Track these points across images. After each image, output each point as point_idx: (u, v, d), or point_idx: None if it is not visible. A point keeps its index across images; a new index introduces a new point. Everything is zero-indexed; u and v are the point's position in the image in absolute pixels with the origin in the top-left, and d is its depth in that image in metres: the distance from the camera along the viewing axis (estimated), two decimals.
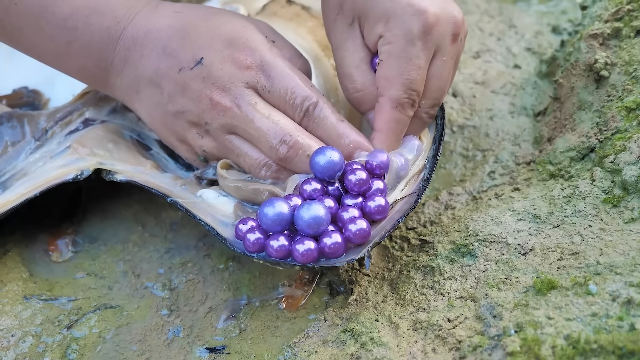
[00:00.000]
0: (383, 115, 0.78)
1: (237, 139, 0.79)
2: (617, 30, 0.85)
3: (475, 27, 1.08)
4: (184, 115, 0.79)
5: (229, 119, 0.78)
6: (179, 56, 0.79)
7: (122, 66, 0.81)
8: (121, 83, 0.82)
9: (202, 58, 0.78)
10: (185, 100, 0.79)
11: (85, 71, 0.83)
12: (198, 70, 0.78)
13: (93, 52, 0.81)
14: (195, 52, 0.78)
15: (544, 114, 0.93)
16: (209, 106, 0.78)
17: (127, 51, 0.80)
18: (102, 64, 0.81)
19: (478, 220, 0.78)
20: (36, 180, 0.83)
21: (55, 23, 0.80)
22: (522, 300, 0.66)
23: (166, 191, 0.81)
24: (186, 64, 0.78)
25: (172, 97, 0.79)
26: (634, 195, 0.74)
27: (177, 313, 0.79)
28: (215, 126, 0.79)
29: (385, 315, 0.72)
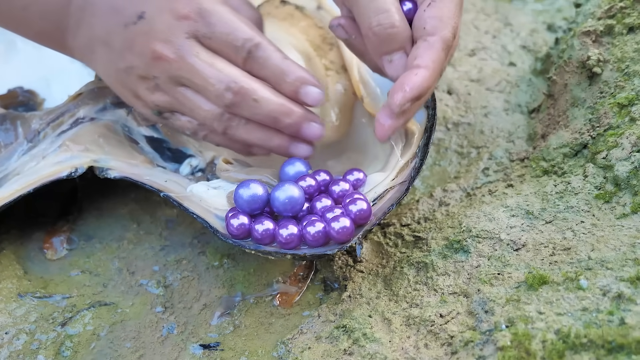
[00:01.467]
0: (433, 54, 0.73)
1: (186, 90, 0.79)
2: (610, 28, 0.86)
3: (471, 25, 1.08)
4: (133, 70, 0.79)
5: (174, 70, 0.78)
6: (124, 12, 0.78)
7: (77, 27, 0.81)
8: (79, 44, 0.82)
9: (143, 12, 0.78)
10: (133, 56, 0.79)
11: (44, 34, 0.84)
12: (141, 24, 0.78)
13: (49, 15, 0.81)
14: (137, 7, 0.78)
15: (538, 111, 0.93)
16: (153, 60, 0.78)
17: (79, 12, 0.80)
18: (59, 26, 0.82)
19: (471, 216, 0.78)
20: (30, 178, 0.84)
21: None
22: (514, 296, 0.67)
23: (159, 186, 0.82)
24: (130, 19, 0.78)
25: (121, 54, 0.79)
26: (625, 191, 0.74)
27: (172, 310, 0.80)
28: (163, 79, 0.79)
29: (379, 311, 0.72)
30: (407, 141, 0.82)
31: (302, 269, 0.81)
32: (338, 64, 0.93)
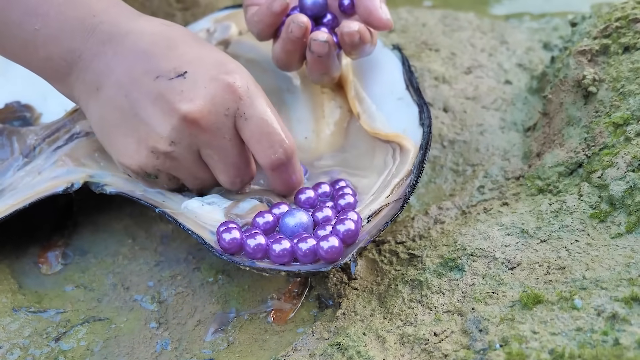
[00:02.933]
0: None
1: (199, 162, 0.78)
2: (606, 47, 0.86)
3: (467, 43, 1.09)
4: (149, 126, 0.75)
5: (201, 142, 0.76)
6: (160, 63, 0.75)
7: (90, 60, 0.77)
8: (84, 78, 0.78)
9: (185, 72, 0.75)
10: (154, 111, 0.75)
11: (49, 62, 0.78)
12: (178, 82, 0.74)
13: (62, 41, 0.77)
14: (179, 65, 0.75)
15: (533, 130, 0.93)
16: (181, 123, 0.74)
17: (100, 45, 0.76)
18: (69, 55, 0.77)
19: (466, 234, 0.78)
20: (26, 192, 0.84)
21: (26, 9, 0.76)
22: (508, 315, 0.67)
23: (154, 202, 0.82)
24: (166, 73, 0.75)
25: (138, 104, 0.75)
26: (620, 211, 0.74)
27: (166, 326, 0.79)
28: (182, 146, 0.76)
29: (373, 329, 0.72)
30: (403, 158, 0.83)
31: (297, 285, 0.81)
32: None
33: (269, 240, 0.76)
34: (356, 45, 0.83)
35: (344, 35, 0.82)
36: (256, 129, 0.76)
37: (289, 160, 0.78)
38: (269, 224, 0.78)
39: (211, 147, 0.76)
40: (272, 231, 0.79)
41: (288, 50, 0.83)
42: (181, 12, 1.18)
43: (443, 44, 1.08)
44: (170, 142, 0.75)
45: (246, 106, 0.76)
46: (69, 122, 0.89)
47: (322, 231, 0.76)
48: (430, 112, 0.83)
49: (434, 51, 1.07)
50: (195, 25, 1.04)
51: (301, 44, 0.83)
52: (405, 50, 1.05)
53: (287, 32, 0.82)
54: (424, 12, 1.16)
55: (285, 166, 0.78)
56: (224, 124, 0.76)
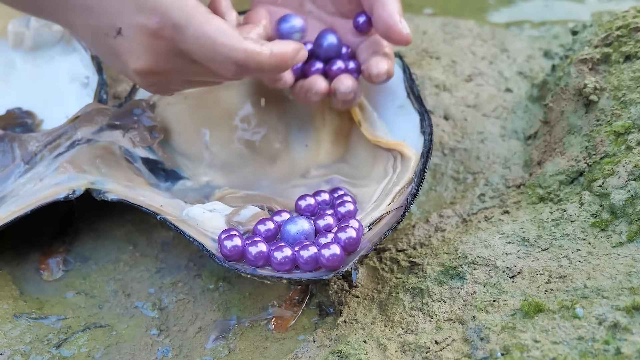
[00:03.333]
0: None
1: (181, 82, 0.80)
2: (607, 56, 0.86)
3: (468, 51, 1.09)
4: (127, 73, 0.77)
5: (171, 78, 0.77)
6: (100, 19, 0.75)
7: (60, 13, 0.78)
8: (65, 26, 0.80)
9: (120, 28, 0.74)
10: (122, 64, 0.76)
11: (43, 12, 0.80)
12: (120, 41, 0.74)
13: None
14: (112, 20, 0.74)
15: (534, 138, 0.94)
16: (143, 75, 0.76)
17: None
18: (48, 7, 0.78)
19: (467, 242, 0.78)
20: (27, 199, 0.84)
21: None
22: (510, 323, 0.67)
23: (155, 209, 0.82)
24: (109, 30, 0.75)
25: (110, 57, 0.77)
26: (621, 219, 0.74)
27: (167, 333, 0.79)
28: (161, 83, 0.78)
29: (374, 337, 0.72)
30: (404, 166, 0.83)
31: (298, 293, 0.81)
32: None
33: (271, 248, 0.76)
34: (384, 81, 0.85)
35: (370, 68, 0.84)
36: (201, 58, 0.74)
37: (246, 66, 0.74)
38: (271, 232, 0.79)
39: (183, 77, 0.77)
40: (273, 238, 0.79)
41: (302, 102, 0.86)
42: None
43: (444, 52, 1.08)
44: (150, 85, 0.78)
45: (181, 43, 0.73)
46: (70, 128, 0.89)
47: (323, 239, 0.76)
48: (431, 120, 0.84)
49: (434, 59, 1.07)
50: None
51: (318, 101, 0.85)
52: (406, 58, 1.06)
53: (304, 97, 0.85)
54: (424, 20, 1.16)
55: (248, 69, 0.75)
56: (178, 62, 0.75)
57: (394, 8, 0.83)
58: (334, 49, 0.87)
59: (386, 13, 0.83)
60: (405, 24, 0.83)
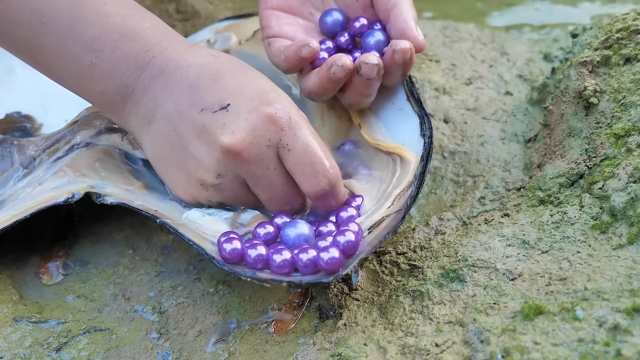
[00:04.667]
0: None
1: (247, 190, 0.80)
2: (607, 58, 0.86)
3: (468, 54, 1.09)
4: (195, 159, 0.78)
5: (245, 173, 0.77)
6: (204, 96, 0.77)
7: (142, 94, 0.79)
8: (137, 111, 0.80)
9: (228, 104, 0.76)
10: (200, 144, 0.77)
11: (104, 95, 0.81)
12: (221, 115, 0.76)
13: (116, 76, 0.79)
14: (223, 97, 0.76)
15: (534, 141, 0.94)
16: (225, 154, 0.76)
17: (151, 80, 0.79)
18: (122, 90, 0.79)
19: (467, 245, 0.78)
20: (27, 203, 0.84)
21: (82, 44, 0.78)
22: (510, 326, 0.66)
23: (155, 213, 0.82)
24: (210, 106, 0.76)
25: (186, 138, 0.77)
26: (621, 222, 0.74)
27: (167, 336, 0.79)
28: (228, 178, 0.78)
29: (374, 340, 0.72)
30: (404, 169, 0.83)
31: (298, 296, 0.81)
32: None
33: (270, 251, 0.76)
34: (408, 63, 0.83)
35: (395, 54, 0.82)
36: (299, 160, 0.76)
37: (333, 189, 0.78)
38: (270, 235, 0.78)
39: (256, 177, 0.77)
40: (273, 242, 0.79)
41: (327, 87, 0.84)
42: (181, 23, 1.19)
43: (443, 55, 1.08)
44: (217, 175, 0.77)
45: (288, 137, 0.76)
46: (69, 133, 0.89)
47: (322, 242, 0.76)
48: (431, 123, 0.84)
49: (434, 62, 1.07)
50: (195, 36, 1.04)
51: (340, 83, 0.83)
52: None
53: (329, 72, 0.82)
54: (424, 23, 1.16)
55: (329, 195, 0.78)
56: (267, 154, 0.76)
57: (410, 14, 0.84)
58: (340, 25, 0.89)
59: (402, 19, 0.83)
60: (420, 31, 0.83)
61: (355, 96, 0.85)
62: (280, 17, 0.88)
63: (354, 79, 0.83)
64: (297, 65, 0.85)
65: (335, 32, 0.88)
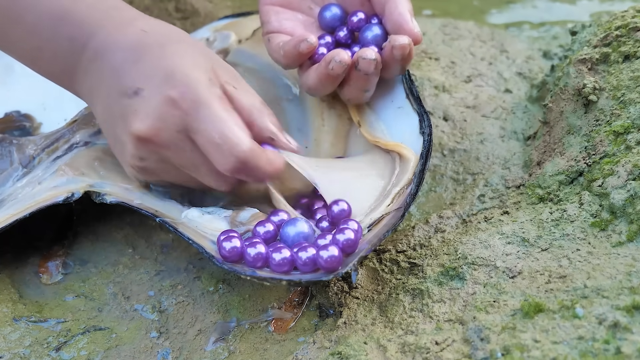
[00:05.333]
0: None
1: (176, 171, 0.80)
2: (606, 56, 0.86)
3: (467, 52, 1.09)
4: (121, 143, 0.79)
5: (164, 156, 0.77)
6: (123, 81, 0.77)
7: (83, 77, 0.80)
8: (83, 91, 0.82)
9: (141, 89, 0.76)
10: (122, 129, 0.77)
11: (55, 76, 0.83)
12: (135, 101, 0.76)
13: (59, 59, 0.81)
14: (138, 82, 0.76)
15: (533, 138, 0.93)
16: (140, 142, 0.76)
17: (88, 63, 0.80)
18: (67, 70, 0.81)
19: (467, 243, 0.78)
20: (26, 202, 0.84)
21: (27, 30, 0.80)
22: (510, 323, 0.66)
23: (154, 212, 0.82)
24: (126, 90, 0.77)
25: (113, 122, 0.78)
26: (621, 219, 0.74)
27: (167, 335, 0.79)
28: (152, 160, 0.78)
29: (374, 338, 0.72)
30: (403, 167, 0.83)
31: (297, 294, 0.81)
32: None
33: (269, 249, 0.76)
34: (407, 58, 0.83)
35: (394, 49, 0.82)
36: (206, 141, 0.75)
37: (245, 164, 0.76)
38: (270, 233, 0.78)
39: (175, 159, 0.78)
40: (273, 240, 0.79)
41: (326, 83, 0.84)
42: (181, 22, 1.19)
43: (443, 53, 1.08)
44: (139, 158, 0.78)
45: (192, 120, 0.75)
46: (68, 132, 0.89)
47: (322, 240, 0.76)
48: (431, 120, 0.83)
49: (433, 60, 1.07)
50: (195, 34, 1.04)
51: (339, 79, 0.83)
52: None
53: (328, 69, 0.82)
54: (423, 21, 1.16)
55: (244, 168, 0.76)
56: (179, 139, 0.76)
57: (405, 7, 0.84)
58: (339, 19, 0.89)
59: (397, 12, 0.83)
60: (415, 23, 0.83)
61: (354, 91, 0.85)
62: (280, 13, 0.89)
63: (353, 74, 0.83)
64: (296, 61, 0.85)
65: (334, 26, 0.88)
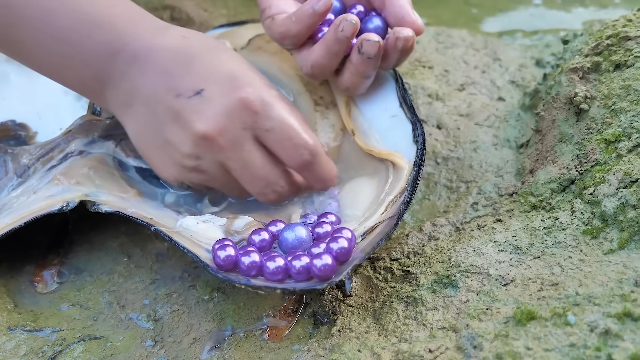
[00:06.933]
0: None
1: (228, 174, 0.80)
2: (597, 65, 0.87)
3: (461, 60, 1.09)
4: (173, 143, 0.79)
5: (222, 157, 0.78)
6: (178, 81, 0.78)
7: (119, 80, 0.81)
8: (116, 96, 0.82)
9: (202, 89, 0.78)
10: (178, 128, 0.78)
11: (83, 83, 0.83)
12: (196, 100, 0.78)
13: (92, 64, 0.80)
14: (196, 82, 0.78)
15: (526, 146, 0.94)
16: (202, 140, 0.78)
17: (126, 66, 0.80)
18: (100, 77, 0.81)
19: (460, 251, 0.78)
20: (21, 211, 0.84)
21: (55, 36, 0.80)
22: (503, 331, 0.67)
23: (150, 221, 0.82)
24: (184, 91, 0.78)
25: (164, 123, 0.79)
26: (612, 227, 0.74)
27: (162, 344, 0.80)
28: (207, 161, 0.79)
29: (368, 346, 0.72)
30: (397, 176, 0.83)
31: (292, 302, 0.81)
32: (327, 100, 0.93)
33: (263, 258, 0.76)
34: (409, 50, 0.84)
35: (398, 41, 0.83)
36: (278, 137, 0.78)
37: (315, 158, 0.80)
38: (265, 242, 0.79)
39: (232, 160, 0.79)
40: (268, 248, 0.79)
41: (333, 52, 0.84)
42: None
43: (436, 61, 1.09)
44: (195, 157, 0.79)
45: (264, 119, 0.78)
46: (63, 141, 0.90)
47: (315, 249, 0.76)
48: (424, 129, 0.84)
49: (427, 68, 1.08)
50: None
51: (348, 44, 0.83)
52: (399, 68, 1.06)
53: (337, 31, 0.82)
54: None
55: (313, 164, 0.81)
56: (242, 136, 0.78)
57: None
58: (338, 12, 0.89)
59: (398, 4, 0.85)
60: (417, 15, 0.85)
61: (355, 77, 0.86)
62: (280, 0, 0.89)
63: (354, 58, 0.84)
64: (310, 25, 0.84)
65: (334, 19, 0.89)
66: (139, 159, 0.89)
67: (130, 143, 0.89)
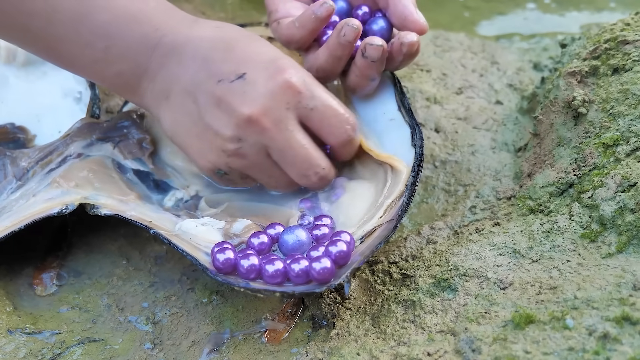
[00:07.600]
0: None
1: (268, 159, 0.81)
2: (595, 68, 0.87)
3: (458, 64, 1.10)
4: (215, 128, 0.80)
5: (266, 139, 0.79)
6: (219, 67, 0.80)
7: (156, 71, 0.82)
8: (153, 88, 0.83)
9: (244, 73, 0.79)
10: (220, 113, 0.79)
11: (119, 77, 0.83)
12: (238, 84, 0.79)
13: (129, 58, 0.82)
14: (237, 67, 0.79)
15: (524, 150, 0.94)
16: (246, 123, 0.78)
17: (163, 57, 0.81)
18: (137, 70, 0.82)
19: (459, 254, 0.78)
20: (20, 214, 0.84)
21: (94, 30, 0.81)
22: (501, 335, 0.67)
23: (149, 224, 0.82)
24: (226, 76, 0.79)
25: (205, 108, 0.80)
26: (611, 231, 0.75)
27: (161, 347, 0.80)
28: (249, 144, 0.80)
29: (367, 349, 0.72)
30: (395, 179, 0.83)
31: (291, 305, 0.81)
32: None
33: (262, 261, 0.76)
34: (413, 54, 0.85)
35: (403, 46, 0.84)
36: (323, 115, 0.80)
37: (355, 134, 0.83)
38: (265, 245, 0.79)
39: (276, 140, 0.79)
40: (267, 251, 0.79)
41: (336, 56, 0.85)
42: None
43: (434, 65, 1.09)
44: (237, 140, 0.80)
45: (308, 98, 0.79)
46: (62, 144, 0.90)
47: (314, 252, 0.77)
48: (422, 132, 0.84)
49: (425, 72, 1.08)
50: None
51: (351, 49, 0.84)
52: (397, 71, 1.06)
53: (339, 36, 0.83)
54: None
55: (355, 140, 0.83)
56: (287, 117, 0.79)
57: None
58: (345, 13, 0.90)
59: (401, 4, 0.85)
60: (420, 14, 0.85)
61: (360, 79, 0.87)
62: (287, 2, 0.90)
63: (358, 62, 0.85)
64: (312, 30, 0.86)
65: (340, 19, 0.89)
66: (137, 161, 0.89)
67: (128, 145, 0.89)
